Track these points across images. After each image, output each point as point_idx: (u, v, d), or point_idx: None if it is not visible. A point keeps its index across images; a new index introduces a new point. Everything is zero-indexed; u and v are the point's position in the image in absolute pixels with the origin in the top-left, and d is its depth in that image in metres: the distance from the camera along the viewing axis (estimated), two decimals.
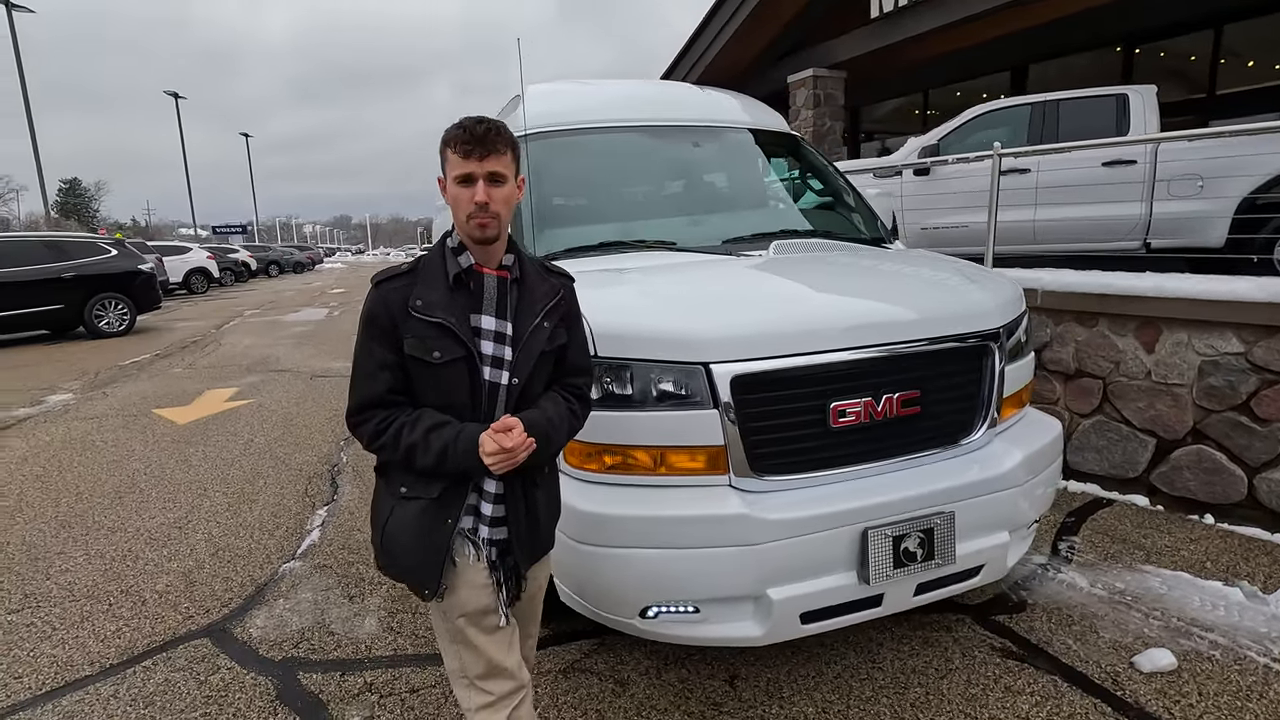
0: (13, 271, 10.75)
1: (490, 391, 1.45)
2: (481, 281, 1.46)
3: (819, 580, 2.05)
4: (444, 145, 1.42)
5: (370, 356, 1.42)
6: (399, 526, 1.46)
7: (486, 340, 1.45)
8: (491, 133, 1.39)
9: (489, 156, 1.38)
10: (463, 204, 1.40)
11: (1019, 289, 2.68)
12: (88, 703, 2.37)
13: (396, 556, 1.48)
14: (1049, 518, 3.52)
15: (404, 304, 1.40)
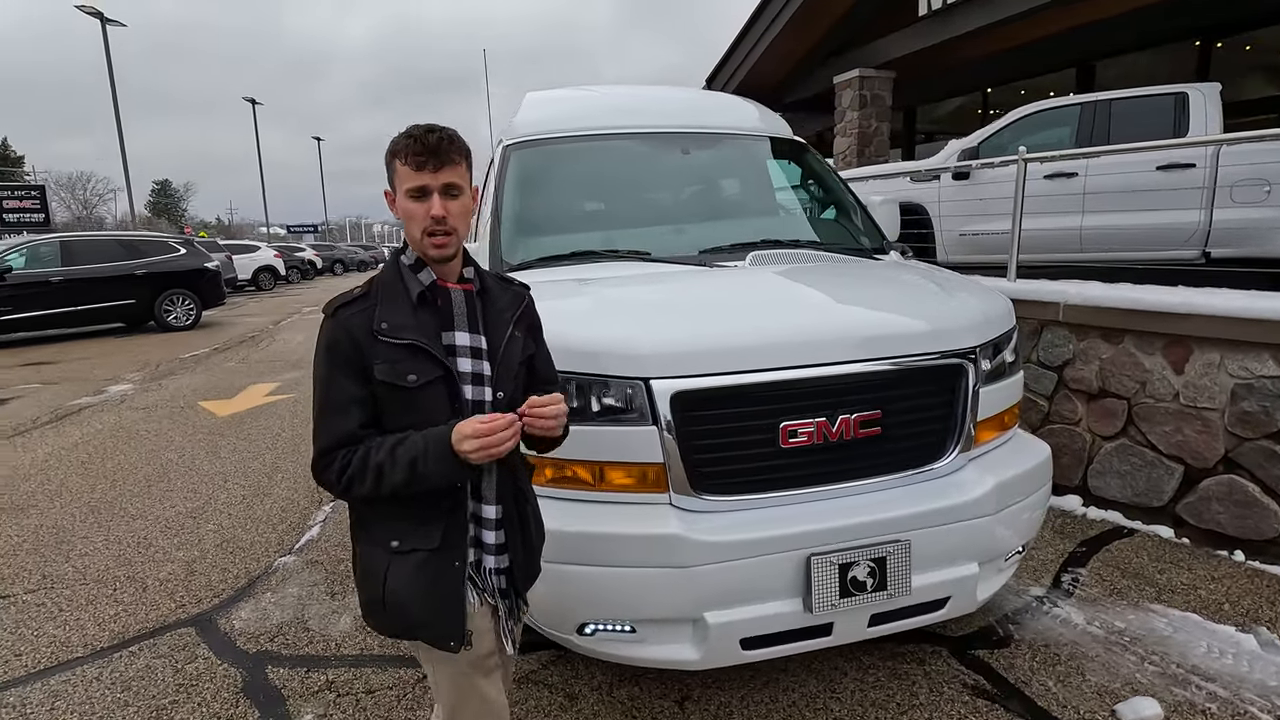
0: (91, 268, 11.55)
1: (475, 410, 1.36)
2: (449, 297, 1.39)
3: (760, 606, 1.98)
4: (391, 156, 1.34)
5: (338, 391, 1.31)
6: (402, 583, 1.34)
7: (463, 357, 1.37)
8: (445, 142, 1.31)
9: (444, 168, 1.30)
10: (417, 219, 1.31)
11: (1007, 305, 2.53)
12: (73, 684, 2.51)
13: (405, 615, 1.36)
14: (1056, 546, 3.32)
15: (368, 329, 1.30)
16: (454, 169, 1.32)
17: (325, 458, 1.31)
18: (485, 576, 1.43)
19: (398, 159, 1.32)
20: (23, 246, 11.53)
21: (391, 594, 1.35)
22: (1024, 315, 4.04)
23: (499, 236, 2.82)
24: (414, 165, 1.30)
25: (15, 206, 26.52)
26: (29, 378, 8.51)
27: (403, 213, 1.34)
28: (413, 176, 1.30)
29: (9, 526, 3.95)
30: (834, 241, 3.04)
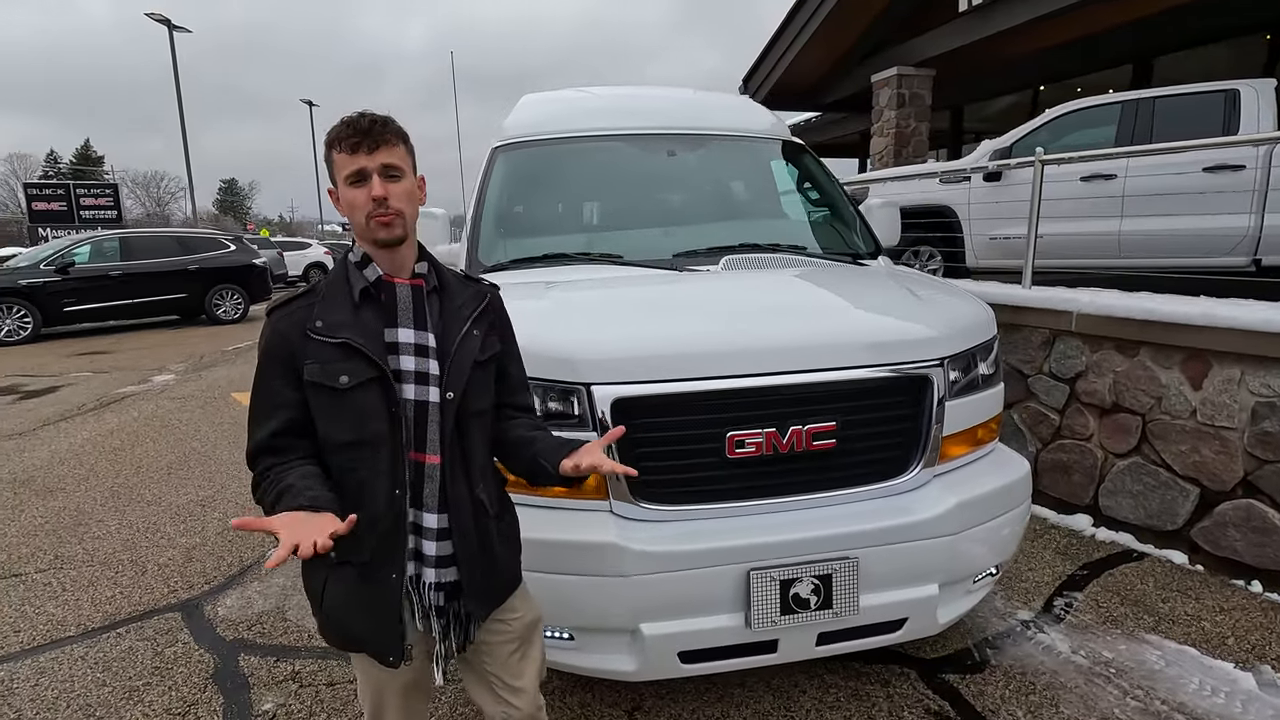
0: (148, 263, 12.15)
1: (418, 411, 1.31)
2: (394, 292, 1.34)
3: (698, 619, 1.94)
4: (328, 148, 1.30)
5: (265, 393, 1.29)
6: (338, 598, 1.32)
7: (406, 355, 1.31)
8: (378, 125, 1.28)
9: (379, 149, 1.27)
10: (359, 205, 1.27)
11: (986, 315, 2.41)
12: (60, 661, 2.63)
13: (344, 629, 1.35)
14: (1055, 568, 3.16)
15: (301, 329, 1.27)
16: (390, 149, 1.28)
17: (251, 462, 1.30)
18: (423, 592, 1.35)
19: (333, 149, 1.29)
20: (86, 242, 12.20)
21: (329, 609, 1.33)
22: (1035, 324, 3.86)
23: (476, 238, 2.84)
24: (349, 149, 1.27)
25: (91, 204, 28.04)
26: (83, 366, 9.00)
27: (345, 204, 1.30)
28: (349, 161, 1.27)
29: (37, 507, 4.17)
30: (818, 246, 2.96)
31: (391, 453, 1.30)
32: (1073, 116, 6.33)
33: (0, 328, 10.95)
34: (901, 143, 10.25)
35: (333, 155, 1.30)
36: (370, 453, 1.28)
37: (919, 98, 10.10)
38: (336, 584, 1.31)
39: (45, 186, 29.38)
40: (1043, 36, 9.08)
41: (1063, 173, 5.72)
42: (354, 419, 1.28)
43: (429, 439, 1.32)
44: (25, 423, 6.17)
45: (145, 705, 2.37)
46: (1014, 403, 4.04)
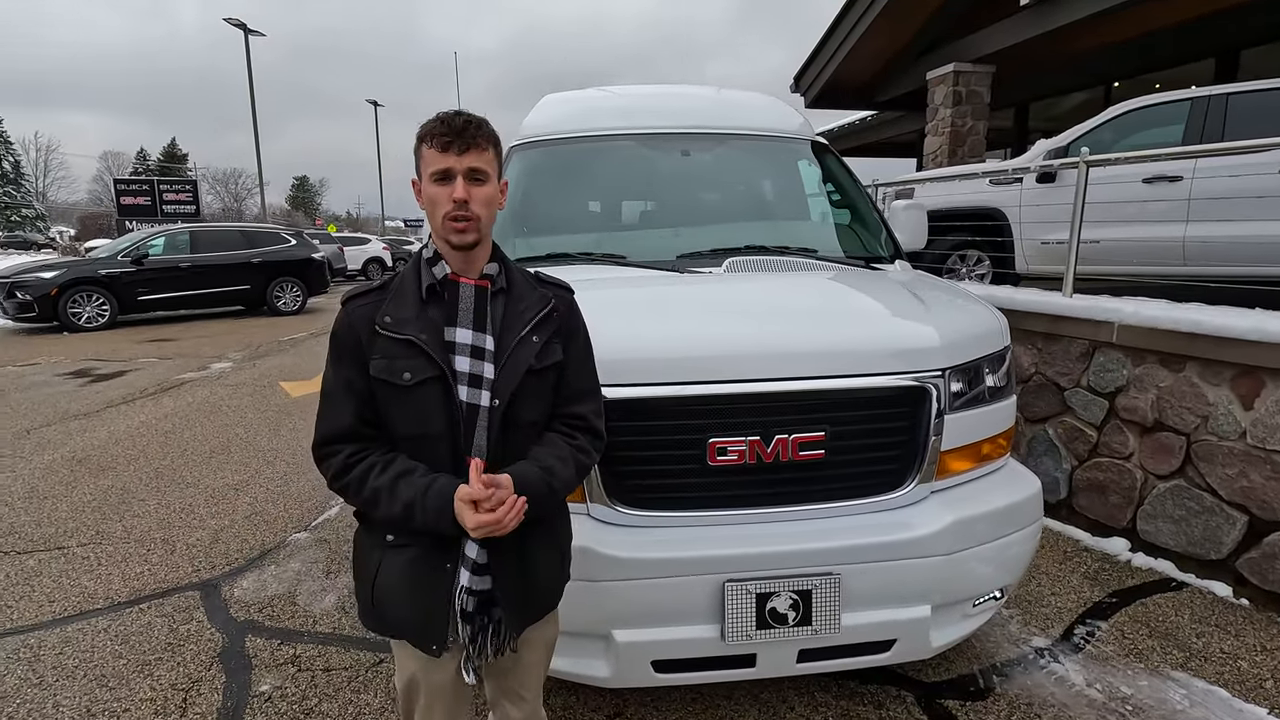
0: (215, 256, 12.79)
1: (469, 415, 1.29)
2: (456, 291, 1.33)
3: (672, 629, 1.91)
4: (419, 141, 1.31)
5: (337, 381, 1.31)
6: (391, 579, 1.33)
7: (462, 356, 1.30)
8: (472, 126, 1.28)
9: (469, 151, 1.27)
10: (440, 203, 1.28)
11: (997, 325, 2.29)
12: (84, 633, 2.78)
13: (392, 612, 1.35)
14: (1081, 594, 2.98)
15: (370, 322, 1.29)
16: (480, 154, 1.28)
17: (324, 448, 1.31)
18: (456, 593, 1.33)
19: (424, 143, 1.29)
20: (160, 235, 12.91)
21: (380, 588, 1.34)
22: (1074, 335, 3.65)
23: None
24: (439, 147, 1.27)
25: (173, 199, 29.76)
26: (150, 352, 9.53)
27: (426, 199, 1.31)
28: (437, 159, 1.27)
29: (89, 485, 4.43)
30: (829, 249, 2.86)
31: (452, 449, 1.30)
32: (1137, 114, 5.99)
33: (81, 314, 11.69)
34: (957, 142, 9.89)
35: (422, 149, 1.30)
36: (432, 447, 1.30)
37: (977, 95, 9.72)
38: (391, 565, 1.33)
39: (133, 183, 31.34)
40: (1113, 30, 8.60)
41: (1122, 174, 5.42)
42: (416, 415, 1.29)
43: (475, 444, 1.30)
44: (92, 404, 6.57)
45: (154, 679, 2.48)
46: (1049, 417, 3.83)
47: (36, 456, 4.99)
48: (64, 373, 8.13)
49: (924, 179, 6.74)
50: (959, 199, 6.76)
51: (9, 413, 6.25)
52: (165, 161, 67.86)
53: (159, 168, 65.16)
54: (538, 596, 1.44)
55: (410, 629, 1.36)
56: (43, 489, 4.36)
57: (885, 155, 17.48)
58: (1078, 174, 3.87)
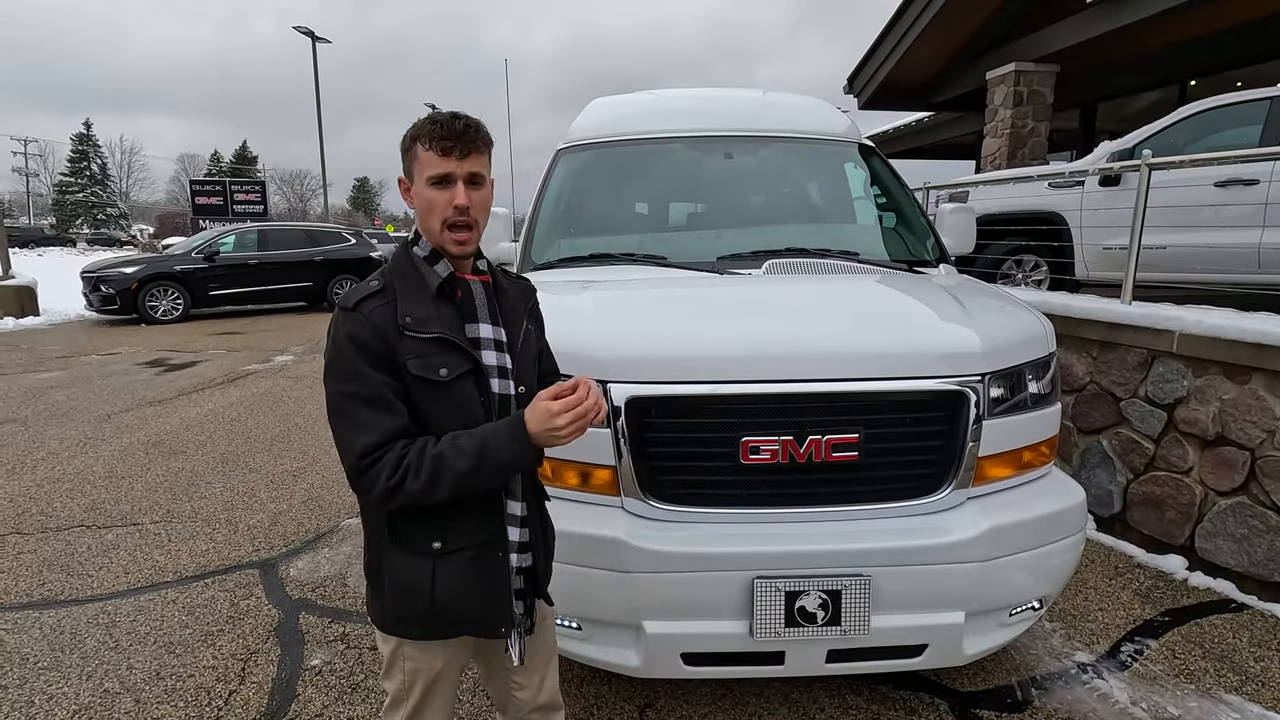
0: (281, 254, 13.40)
1: (502, 405, 1.33)
2: (469, 289, 1.35)
3: (701, 623, 1.94)
4: (412, 141, 1.28)
5: (374, 385, 1.22)
6: (455, 583, 1.31)
7: (488, 350, 1.33)
8: (471, 130, 1.26)
9: (470, 155, 1.26)
10: (439, 208, 1.26)
11: (1041, 331, 2.25)
12: (155, 602, 2.99)
13: (456, 614, 1.34)
14: (1130, 610, 2.88)
15: (393, 323, 1.24)
16: (479, 157, 1.28)
17: (372, 454, 1.20)
18: (512, 574, 1.38)
19: (419, 143, 1.26)
20: (231, 233, 13.59)
21: (443, 596, 1.30)
22: (1132, 344, 3.53)
23: (530, 236, 2.96)
24: (439, 150, 1.24)
25: (243, 199, 31.17)
26: (220, 345, 10.04)
27: (421, 202, 1.28)
28: (437, 163, 1.25)
29: (162, 467, 4.73)
30: (872, 252, 2.85)
31: None
32: (1210, 114, 5.72)
33: (158, 307, 12.40)
34: (1017, 144, 9.60)
35: (417, 150, 1.27)
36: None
37: (1039, 95, 9.42)
38: (450, 571, 1.31)
39: (207, 183, 32.96)
40: (1188, 26, 8.22)
41: (1192, 177, 5.20)
42: (455, 410, 1.29)
43: None
44: (165, 392, 6.98)
45: (216, 649, 2.64)
46: (1104, 428, 3.70)
47: (116, 439, 5.34)
48: (141, 362, 8.65)
49: (977, 181, 6.57)
50: (1016, 202, 6.58)
51: (93, 398, 6.69)
52: (236, 163, 71.20)
53: (230, 169, 68.40)
54: (550, 564, 1.53)
55: (477, 623, 1.37)
56: (121, 469, 4.66)
57: (942, 157, 17.05)
58: (1139, 177, 3.73)
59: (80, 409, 6.28)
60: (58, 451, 5.04)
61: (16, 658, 2.58)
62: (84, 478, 4.51)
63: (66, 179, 70.34)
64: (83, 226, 67.00)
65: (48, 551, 3.46)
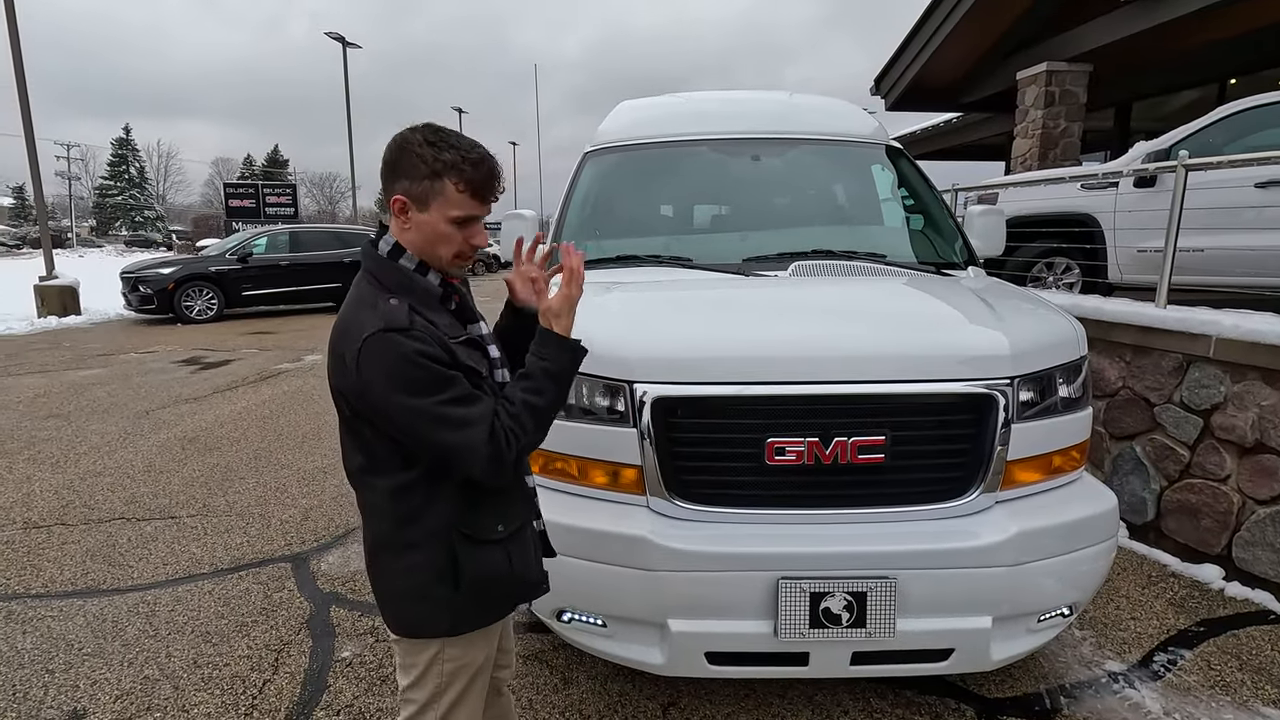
0: (311, 255, 13.65)
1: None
2: (460, 293, 1.43)
3: (726, 622, 1.95)
4: (445, 174, 1.25)
5: (459, 384, 1.26)
6: (524, 557, 1.44)
7: (491, 345, 1.44)
8: (499, 177, 1.32)
9: (492, 200, 1.32)
10: (454, 242, 1.30)
11: (1072, 334, 2.22)
12: (192, 593, 3.07)
13: (527, 583, 1.46)
14: (1164, 620, 2.82)
15: (441, 338, 1.27)
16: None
17: (494, 438, 1.26)
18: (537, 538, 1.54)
19: (449, 179, 1.25)
20: (263, 235, 13.88)
21: (518, 573, 1.42)
22: (1167, 348, 3.46)
23: (558, 238, 2.99)
24: (473, 195, 1.27)
25: (275, 201, 31.78)
26: (252, 344, 10.26)
27: (436, 233, 1.29)
28: (468, 205, 1.28)
29: (198, 462, 4.85)
30: (899, 254, 2.83)
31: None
32: (1251, 114, 5.58)
33: (193, 307, 12.71)
34: (1049, 144, 9.44)
35: (445, 185, 1.26)
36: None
37: (1071, 95, 9.25)
38: (518, 546, 1.43)
39: (240, 186, 33.66)
40: (1228, 23, 8.02)
41: (1231, 178, 5.08)
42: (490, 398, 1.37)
43: None
44: (200, 390, 7.16)
45: (250, 639, 2.71)
46: (1137, 434, 3.64)
47: (154, 435, 5.49)
48: (177, 360, 8.88)
49: (1008, 183, 6.48)
50: (1047, 204, 6.48)
51: (132, 395, 6.89)
52: (268, 167, 72.63)
53: (262, 172, 69.80)
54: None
55: (536, 588, 1.50)
56: (159, 464, 4.80)
57: (971, 158, 16.82)
58: (1175, 178, 3.66)
59: (120, 405, 6.47)
60: (99, 446, 5.21)
61: (63, 644, 2.68)
62: (124, 472, 4.65)
63: (106, 182, 72.42)
64: (121, 228, 68.90)
65: (90, 542, 3.58)
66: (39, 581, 3.18)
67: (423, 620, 1.40)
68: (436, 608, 1.37)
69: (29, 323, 12.11)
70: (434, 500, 1.34)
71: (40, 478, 4.54)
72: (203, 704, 2.33)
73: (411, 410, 1.23)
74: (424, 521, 1.35)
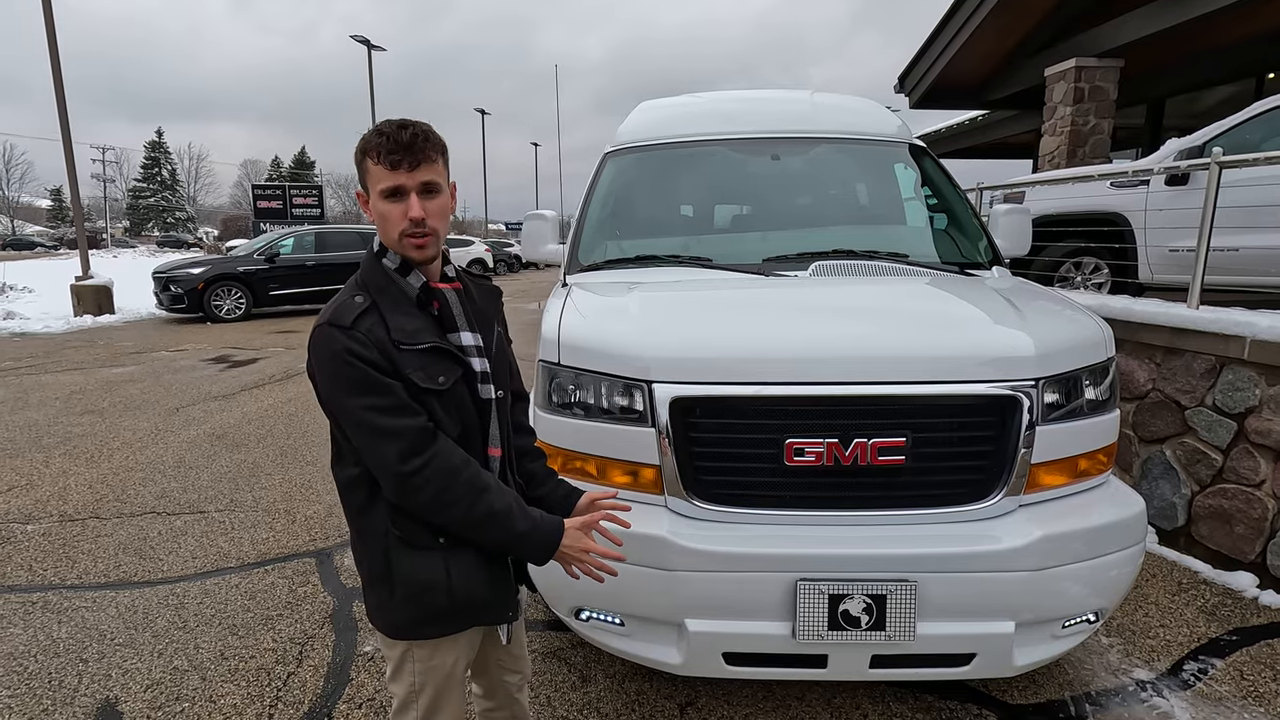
0: (335, 255, 13.86)
1: (485, 409, 1.39)
2: (444, 299, 1.36)
3: (744, 623, 1.95)
4: (363, 154, 1.26)
5: (391, 394, 1.23)
6: (469, 574, 1.35)
7: (473, 357, 1.36)
8: (420, 138, 1.24)
9: (420, 166, 1.24)
10: (394, 221, 1.25)
11: (1102, 335, 2.18)
12: (219, 586, 3.14)
13: (473, 605, 1.37)
14: (1195, 628, 2.76)
15: (388, 339, 1.24)
16: (431, 166, 1.26)
17: (419, 457, 1.24)
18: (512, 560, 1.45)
19: (369, 157, 1.25)
20: (290, 235, 14.11)
21: (459, 588, 1.33)
22: (1199, 350, 3.38)
23: (578, 238, 3.01)
24: (388, 164, 1.23)
25: (301, 202, 32.35)
26: (279, 342, 10.45)
27: (377, 215, 1.28)
28: (387, 176, 1.24)
29: (225, 458, 4.95)
30: (922, 254, 2.80)
31: (481, 442, 1.39)
32: None
33: (222, 306, 12.97)
34: (1077, 142, 9.26)
35: (367, 164, 1.25)
36: (468, 443, 1.35)
37: (1101, 91, 9.06)
38: (462, 562, 1.34)
39: (268, 188, 34.31)
40: (1265, 16, 7.79)
41: (1270, 175, 4.94)
42: (453, 415, 1.33)
43: (491, 434, 1.40)
44: (229, 387, 7.30)
45: (276, 632, 2.77)
46: (1167, 437, 3.56)
47: (184, 431, 5.62)
48: (206, 358, 9.07)
49: (1034, 181, 6.37)
50: (1076, 202, 6.36)
51: (163, 393, 7.05)
52: (295, 168, 73.84)
53: (290, 174, 70.99)
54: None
55: (490, 610, 1.41)
56: (188, 460, 4.91)
57: (997, 157, 16.57)
58: (1209, 175, 3.58)
59: (151, 402, 6.63)
60: (131, 442, 5.34)
61: (95, 634, 2.75)
62: (155, 467, 4.76)
63: (139, 184, 74.15)
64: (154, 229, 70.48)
65: (123, 535, 3.67)
66: (74, 573, 3.27)
67: (372, 615, 1.41)
68: (381, 606, 1.38)
69: (66, 321, 12.45)
70: (375, 498, 1.32)
71: (76, 472, 4.66)
72: (229, 695, 2.38)
73: (341, 407, 1.25)
74: (370, 517, 1.35)
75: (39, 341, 10.64)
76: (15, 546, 3.54)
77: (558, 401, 2.17)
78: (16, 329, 11.77)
